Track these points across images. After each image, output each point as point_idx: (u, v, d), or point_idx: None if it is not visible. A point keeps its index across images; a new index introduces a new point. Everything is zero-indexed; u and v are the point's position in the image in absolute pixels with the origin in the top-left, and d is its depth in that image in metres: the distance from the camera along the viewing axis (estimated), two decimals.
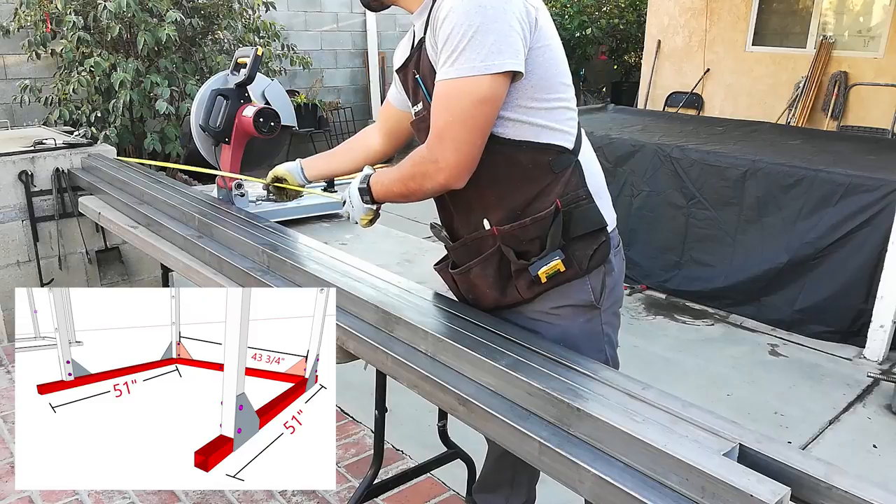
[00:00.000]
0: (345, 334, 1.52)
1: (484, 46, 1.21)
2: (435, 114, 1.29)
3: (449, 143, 1.28)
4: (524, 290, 1.42)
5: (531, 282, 1.40)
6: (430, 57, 1.34)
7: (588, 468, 1.04)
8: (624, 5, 9.55)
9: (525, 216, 1.37)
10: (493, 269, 1.44)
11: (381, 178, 1.50)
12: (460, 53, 1.22)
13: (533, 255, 1.38)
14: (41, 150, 3.20)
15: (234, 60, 2.53)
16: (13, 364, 3.11)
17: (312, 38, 7.76)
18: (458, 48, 1.22)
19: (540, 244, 1.38)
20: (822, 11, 6.48)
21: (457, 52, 1.23)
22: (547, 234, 1.36)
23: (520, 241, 1.39)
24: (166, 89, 4.59)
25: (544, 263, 1.37)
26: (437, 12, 1.28)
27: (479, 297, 1.52)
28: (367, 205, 1.53)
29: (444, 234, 1.56)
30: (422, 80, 1.37)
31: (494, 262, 1.43)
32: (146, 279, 3.61)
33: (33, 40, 4.83)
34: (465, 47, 1.22)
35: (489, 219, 1.42)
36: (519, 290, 1.43)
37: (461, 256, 1.51)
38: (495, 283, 1.45)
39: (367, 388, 1.87)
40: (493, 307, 1.51)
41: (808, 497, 1.00)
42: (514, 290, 1.43)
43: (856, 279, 3.35)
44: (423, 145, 1.34)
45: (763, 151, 3.87)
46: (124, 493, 2.27)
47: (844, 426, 2.81)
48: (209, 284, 1.99)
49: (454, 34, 1.22)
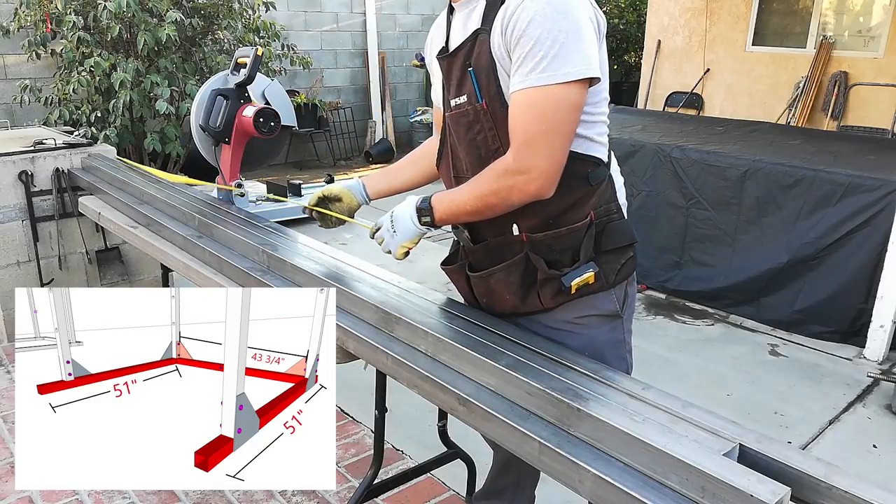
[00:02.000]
0: (345, 334, 1.52)
1: (575, 52, 1.19)
2: (522, 122, 1.24)
3: (543, 152, 1.23)
4: (547, 299, 1.41)
5: (557, 291, 1.38)
6: (494, 54, 1.28)
7: (588, 468, 1.04)
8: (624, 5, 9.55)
9: (559, 225, 1.35)
10: (518, 275, 1.41)
11: (449, 196, 1.39)
12: (553, 59, 1.19)
13: (563, 265, 1.37)
14: (41, 150, 3.19)
15: (234, 60, 2.53)
16: (13, 364, 3.11)
17: (312, 38, 7.76)
18: (549, 54, 1.19)
19: (572, 255, 1.37)
20: (822, 11, 6.48)
21: (549, 59, 1.19)
22: (580, 245, 1.36)
23: (551, 250, 1.38)
24: (166, 89, 4.59)
25: (578, 275, 1.36)
26: (513, 13, 1.23)
27: (496, 302, 1.49)
28: (421, 227, 1.43)
29: (465, 234, 1.50)
30: (475, 73, 1.30)
31: (519, 269, 1.41)
32: (146, 279, 3.61)
33: (33, 40, 4.82)
34: (557, 53, 1.19)
35: (519, 224, 1.38)
36: (542, 298, 1.41)
37: (480, 259, 1.49)
38: (517, 289, 1.42)
39: (367, 388, 1.87)
40: (508, 313, 1.49)
41: (808, 497, 0.99)
42: (536, 298, 1.42)
43: (856, 279, 3.35)
44: (507, 156, 1.27)
45: (763, 151, 3.87)
46: (124, 493, 2.27)
47: (844, 426, 2.81)
48: (209, 284, 1.99)
49: (542, 40, 1.19)
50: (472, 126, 1.35)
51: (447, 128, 1.45)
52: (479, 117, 1.33)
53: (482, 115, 1.32)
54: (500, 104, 1.29)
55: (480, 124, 1.33)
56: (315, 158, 7.90)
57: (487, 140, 1.34)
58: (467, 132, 1.37)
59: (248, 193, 2.54)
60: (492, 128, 1.32)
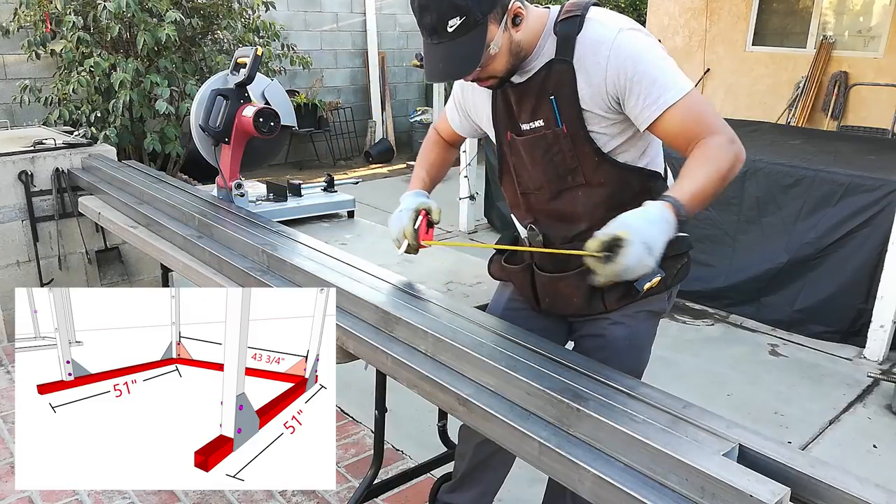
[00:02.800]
0: (345, 334, 1.52)
1: (679, 73, 1.35)
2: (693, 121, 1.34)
3: (725, 127, 1.35)
4: (612, 302, 1.50)
5: (622, 295, 1.48)
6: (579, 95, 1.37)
7: (588, 468, 1.04)
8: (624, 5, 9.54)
9: None
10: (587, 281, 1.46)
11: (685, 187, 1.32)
12: (674, 79, 1.33)
13: None
14: (41, 150, 3.19)
15: (234, 60, 2.53)
16: (13, 364, 3.11)
17: (312, 37, 7.76)
18: (668, 79, 1.32)
19: None
20: (822, 11, 6.48)
21: (670, 81, 1.32)
22: None
23: None
24: (166, 89, 4.59)
25: (648, 280, 1.38)
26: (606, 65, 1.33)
27: (560, 303, 1.57)
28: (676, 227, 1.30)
29: (539, 238, 1.56)
30: (556, 99, 1.39)
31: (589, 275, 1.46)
32: (146, 279, 3.61)
33: (33, 40, 4.82)
34: (673, 75, 1.33)
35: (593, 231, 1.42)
36: (606, 301, 1.50)
37: (545, 262, 1.55)
38: (585, 293, 1.50)
39: (367, 388, 1.87)
40: (570, 314, 1.60)
41: (808, 497, 1.00)
42: (601, 301, 1.51)
43: (856, 279, 3.35)
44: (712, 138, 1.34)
45: (763, 151, 3.87)
46: (124, 493, 2.27)
47: (844, 426, 2.81)
48: (209, 284, 1.99)
49: (647, 71, 1.31)
50: (551, 148, 1.43)
51: (508, 149, 1.54)
52: (558, 140, 1.41)
53: (562, 137, 1.41)
54: (580, 127, 1.39)
55: (560, 146, 1.42)
56: (315, 158, 7.90)
57: (566, 159, 1.43)
58: (545, 153, 1.45)
59: (247, 193, 2.53)
60: (571, 149, 1.41)
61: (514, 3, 1.35)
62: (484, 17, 1.31)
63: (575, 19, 1.37)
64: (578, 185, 1.44)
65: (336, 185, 2.80)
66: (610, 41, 1.32)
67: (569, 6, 1.41)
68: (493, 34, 1.33)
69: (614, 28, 1.34)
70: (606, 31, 1.34)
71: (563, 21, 1.39)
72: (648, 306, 1.54)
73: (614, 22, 1.36)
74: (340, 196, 2.73)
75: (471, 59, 1.33)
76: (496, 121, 1.54)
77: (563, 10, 1.41)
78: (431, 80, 1.44)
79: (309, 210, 2.64)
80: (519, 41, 1.38)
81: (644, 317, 1.55)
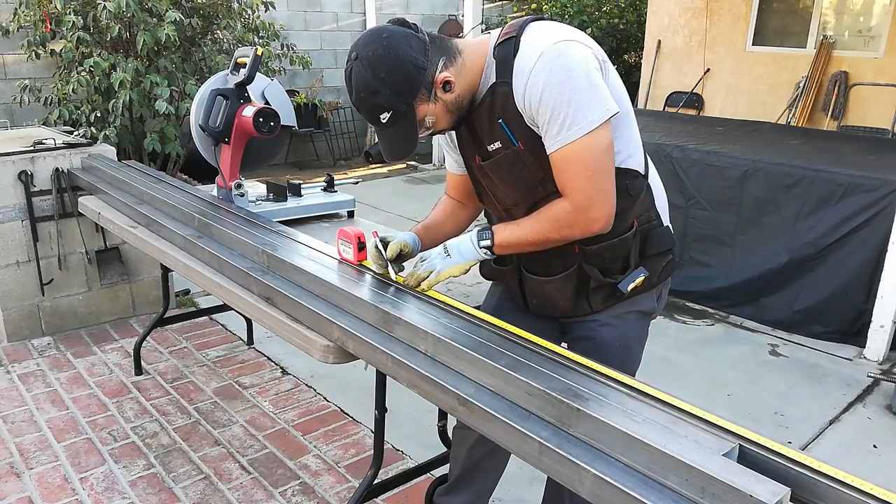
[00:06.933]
0: (345, 334, 1.51)
1: (591, 101, 1.31)
2: (569, 177, 1.36)
3: (597, 196, 1.36)
4: (597, 304, 1.54)
5: (608, 296, 1.52)
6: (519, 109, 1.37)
7: (588, 468, 1.04)
8: (624, 5, 9.54)
9: (611, 237, 1.44)
10: (573, 284, 1.52)
11: (510, 227, 1.48)
12: (574, 116, 1.30)
13: (615, 273, 1.50)
14: (41, 150, 3.19)
15: (234, 60, 2.53)
16: (13, 364, 3.11)
17: (312, 37, 7.76)
18: (569, 113, 1.30)
19: (622, 262, 1.50)
20: (822, 11, 6.48)
21: (570, 117, 1.30)
22: (629, 252, 1.49)
23: (604, 260, 1.49)
24: (166, 89, 4.58)
25: (631, 280, 1.49)
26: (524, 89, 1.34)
27: (547, 306, 1.60)
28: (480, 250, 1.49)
29: None
30: (505, 122, 1.41)
31: (574, 279, 1.52)
32: (146, 279, 3.61)
33: (33, 40, 4.82)
34: (576, 109, 1.30)
35: None
36: (591, 303, 1.54)
37: (534, 265, 1.58)
38: (571, 296, 1.54)
39: (367, 388, 1.87)
40: (558, 316, 1.62)
41: (808, 497, 0.99)
42: (586, 303, 1.54)
43: (856, 279, 3.35)
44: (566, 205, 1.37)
45: (763, 151, 3.87)
46: (124, 493, 2.27)
47: (844, 426, 2.81)
48: (209, 284, 1.99)
49: (559, 105, 1.30)
50: (514, 165, 1.45)
51: (479, 173, 1.55)
52: (518, 157, 1.43)
53: (521, 154, 1.42)
54: (535, 140, 1.39)
55: (522, 162, 1.43)
56: (315, 158, 7.90)
57: (532, 173, 1.44)
58: (510, 172, 1.47)
59: (247, 193, 2.53)
60: (533, 163, 1.42)
61: (440, 75, 1.38)
62: (409, 107, 1.37)
63: (511, 41, 1.38)
64: (550, 192, 1.43)
65: (336, 185, 2.80)
66: (528, 70, 1.33)
67: (507, 28, 1.43)
68: (423, 112, 1.40)
69: (536, 53, 1.33)
70: (530, 56, 1.33)
71: (500, 44, 1.40)
72: (637, 306, 1.56)
73: (541, 43, 1.34)
74: (340, 196, 2.73)
75: (409, 139, 1.43)
76: (462, 147, 1.57)
77: (502, 32, 1.43)
78: (387, 160, 1.55)
79: (309, 210, 2.64)
80: (456, 97, 1.42)
81: (634, 317, 1.58)
